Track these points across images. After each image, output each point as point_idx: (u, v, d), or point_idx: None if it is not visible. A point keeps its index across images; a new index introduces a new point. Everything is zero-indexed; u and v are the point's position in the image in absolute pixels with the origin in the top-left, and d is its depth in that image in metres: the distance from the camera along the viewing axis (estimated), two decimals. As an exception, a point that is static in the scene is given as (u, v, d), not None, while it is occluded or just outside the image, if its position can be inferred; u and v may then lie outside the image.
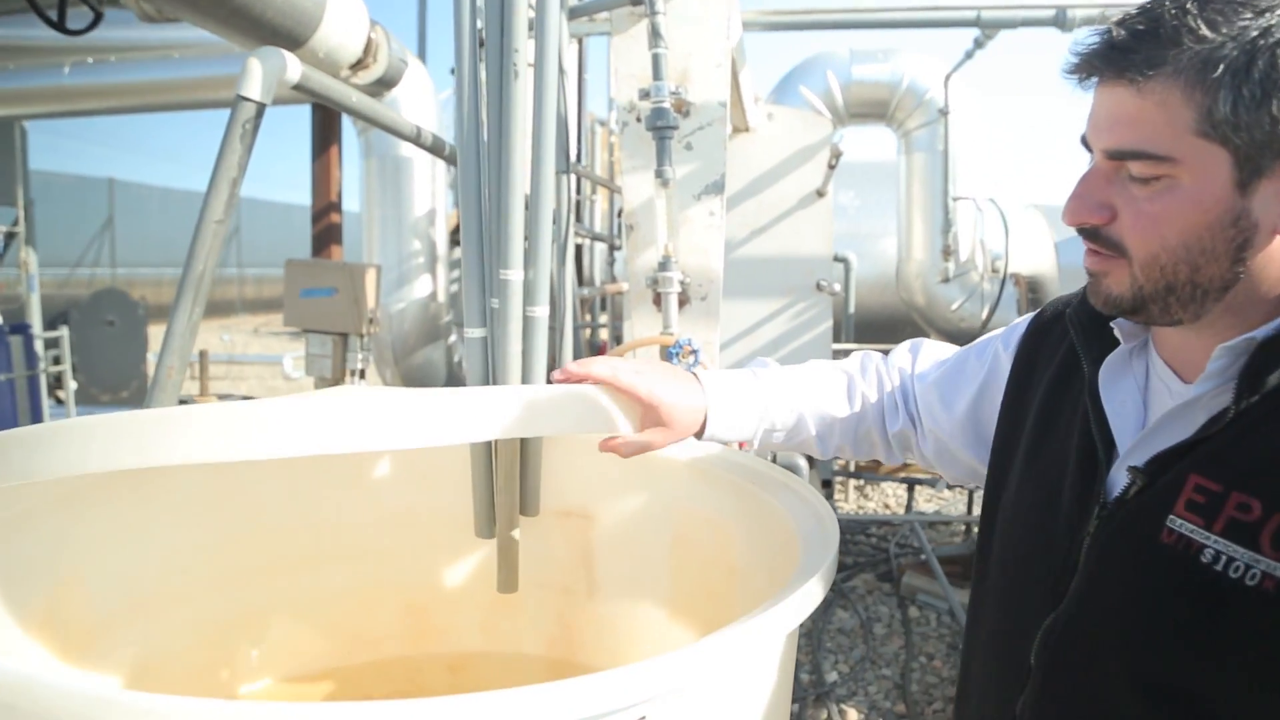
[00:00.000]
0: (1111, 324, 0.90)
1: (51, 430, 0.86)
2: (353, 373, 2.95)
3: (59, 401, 5.85)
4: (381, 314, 4.62)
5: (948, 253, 5.13)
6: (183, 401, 2.48)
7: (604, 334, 6.96)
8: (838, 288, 3.81)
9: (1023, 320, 1.09)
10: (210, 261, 1.39)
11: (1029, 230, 5.25)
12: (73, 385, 6.48)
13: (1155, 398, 0.88)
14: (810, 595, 0.85)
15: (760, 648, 0.80)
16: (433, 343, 5.15)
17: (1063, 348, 0.98)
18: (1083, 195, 0.82)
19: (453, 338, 5.42)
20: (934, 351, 1.19)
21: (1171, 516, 0.78)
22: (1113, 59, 0.78)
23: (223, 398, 2.45)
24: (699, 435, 1.10)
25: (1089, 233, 0.82)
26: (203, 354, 2.01)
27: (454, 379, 5.53)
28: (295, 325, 2.80)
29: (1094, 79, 0.81)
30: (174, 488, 1.34)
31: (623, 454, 1.07)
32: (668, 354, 2.01)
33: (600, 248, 6.93)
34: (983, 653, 0.99)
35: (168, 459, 0.89)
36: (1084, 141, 0.84)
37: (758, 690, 0.88)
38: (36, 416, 4.42)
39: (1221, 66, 0.73)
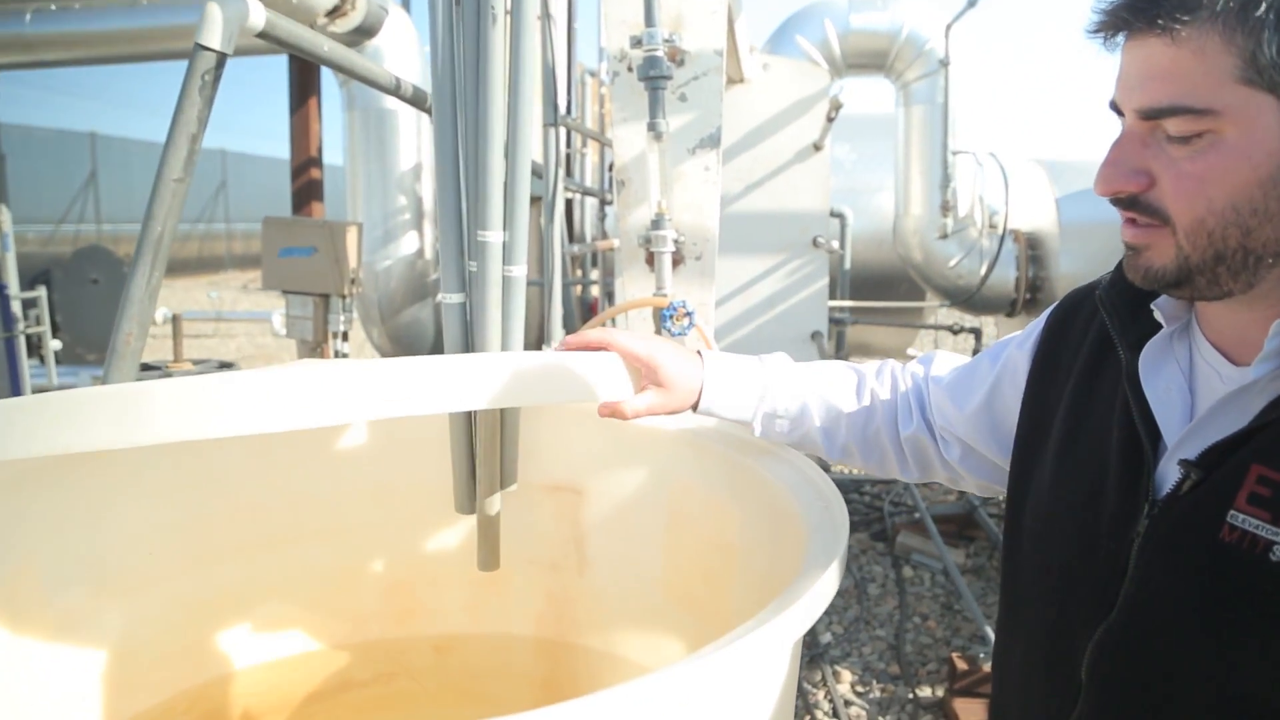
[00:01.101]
0: (1151, 305, 0.82)
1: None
2: (335, 335, 2.86)
3: (44, 361, 5.74)
4: (367, 272, 4.52)
5: (946, 208, 5.02)
6: (154, 368, 2.40)
7: (595, 290, 6.87)
8: (835, 245, 3.72)
9: (1039, 320, 1.01)
10: (170, 222, 1.30)
11: (1030, 185, 5.14)
12: (56, 345, 6.36)
13: (1203, 384, 0.80)
14: (822, 594, 0.77)
15: (770, 656, 0.72)
16: (420, 301, 5.06)
17: (1090, 334, 0.90)
18: (1116, 162, 0.74)
19: (440, 296, 5.32)
20: (949, 359, 1.13)
21: (1232, 512, 0.71)
22: (1141, 8, 0.70)
23: (198, 363, 2.37)
24: (695, 408, 1.07)
25: (1126, 202, 0.75)
26: (176, 318, 1.92)
27: (442, 338, 5.44)
28: (274, 286, 2.70)
29: (1121, 35, 0.73)
30: (136, 466, 1.26)
31: (625, 416, 1.04)
32: (661, 316, 1.93)
33: (591, 202, 6.81)
34: (1020, 668, 0.92)
35: (129, 440, 0.82)
36: (1113, 106, 0.76)
37: (767, 694, 0.81)
38: (15, 378, 4.32)
39: (1264, 4, 0.66)
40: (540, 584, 1.51)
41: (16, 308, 4.62)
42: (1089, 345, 0.90)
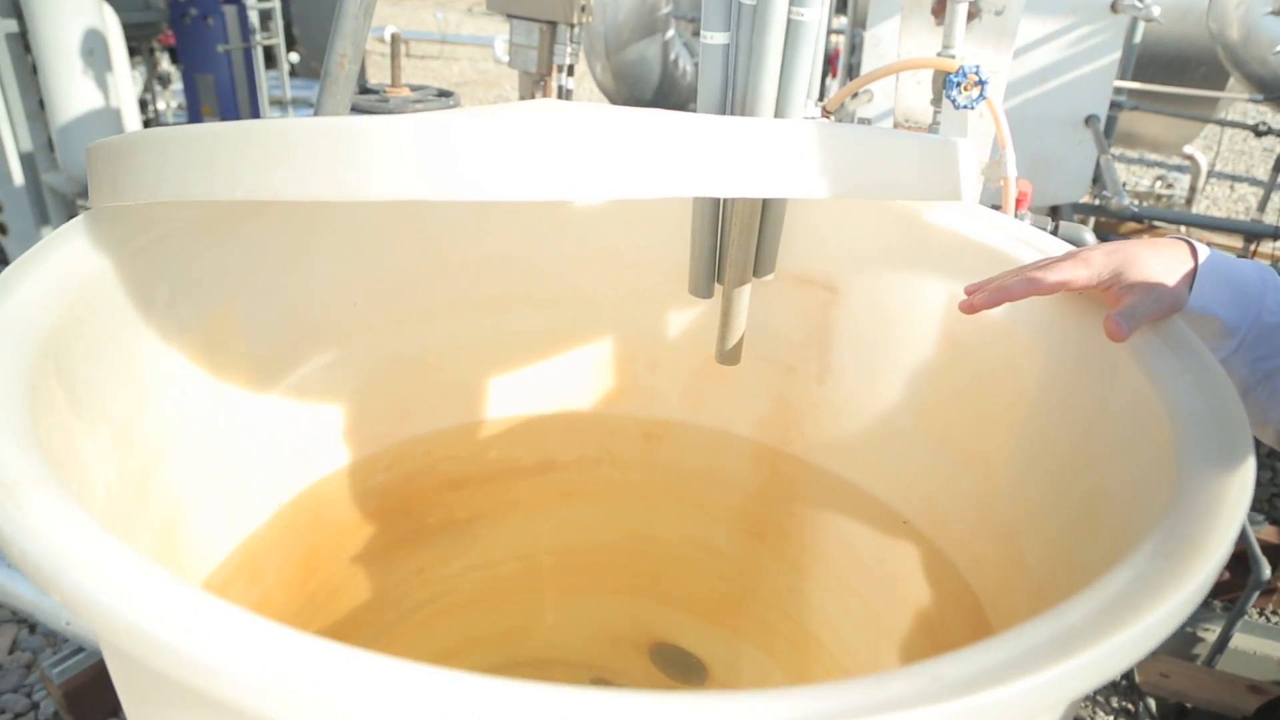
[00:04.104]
0: None
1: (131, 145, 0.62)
2: (560, 68, 2.63)
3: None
4: (595, 1, 4.19)
5: (1291, -27, 4.05)
6: (372, 91, 2.27)
7: (835, 40, 6.22)
8: (1157, 11, 3.04)
9: None
10: (388, -84, 1.07)
11: None
12: (293, 58, 6.44)
13: None
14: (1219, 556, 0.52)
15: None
16: (649, 37, 4.72)
17: None
18: None
19: (670, 32, 4.95)
20: None
21: None
22: None
23: (416, 89, 2.22)
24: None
25: None
26: (395, 38, 1.75)
27: (668, 79, 5.12)
28: (499, 9, 2.47)
29: None
30: (339, 212, 1.12)
31: (1119, 333, 0.79)
32: (947, 83, 1.58)
33: (844, -61, 6.02)
34: None
35: (342, 194, 0.67)
36: None
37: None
38: (252, 88, 4.40)
39: None
40: (770, 385, 1.33)
41: (254, 18, 4.63)
42: None
